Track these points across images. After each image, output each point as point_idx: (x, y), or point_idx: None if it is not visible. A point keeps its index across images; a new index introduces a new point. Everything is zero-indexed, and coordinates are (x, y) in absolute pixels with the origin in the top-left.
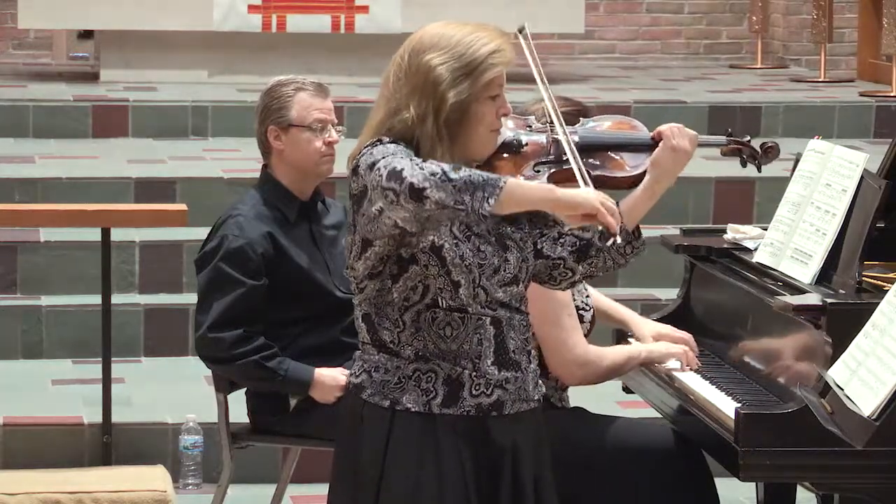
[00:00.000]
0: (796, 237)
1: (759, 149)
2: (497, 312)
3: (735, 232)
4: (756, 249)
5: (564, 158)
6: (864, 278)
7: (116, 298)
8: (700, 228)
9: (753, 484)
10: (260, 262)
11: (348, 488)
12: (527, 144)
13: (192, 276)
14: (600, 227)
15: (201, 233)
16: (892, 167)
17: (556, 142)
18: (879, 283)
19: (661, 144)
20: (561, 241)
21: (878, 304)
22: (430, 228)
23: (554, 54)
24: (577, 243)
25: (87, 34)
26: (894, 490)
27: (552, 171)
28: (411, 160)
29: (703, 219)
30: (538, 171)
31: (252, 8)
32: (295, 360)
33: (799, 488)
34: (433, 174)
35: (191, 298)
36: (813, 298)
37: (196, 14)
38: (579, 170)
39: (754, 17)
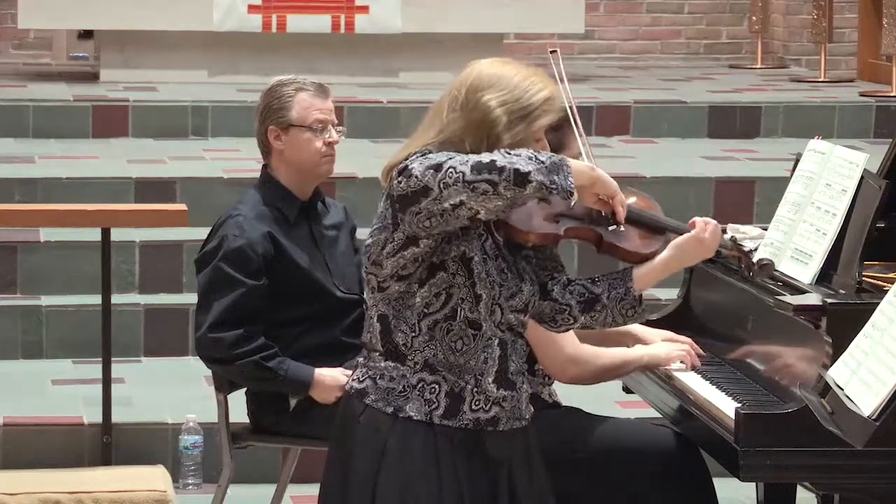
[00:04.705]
0: (796, 237)
1: (755, 262)
2: (505, 335)
3: (735, 232)
4: (756, 249)
5: (583, 217)
6: (864, 278)
7: (116, 298)
8: None
9: (753, 484)
10: (260, 262)
11: (339, 489)
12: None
13: (192, 276)
14: (604, 213)
15: (201, 233)
16: (892, 167)
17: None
18: (879, 283)
19: (692, 231)
20: (570, 288)
21: (878, 304)
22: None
23: None
24: (586, 295)
25: (87, 34)
26: (894, 490)
27: (570, 225)
28: (482, 154)
29: None
30: (558, 222)
31: (252, 8)
32: (295, 360)
33: (799, 488)
34: (530, 158)
35: (191, 298)
36: (813, 298)
37: (196, 14)
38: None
39: (754, 17)
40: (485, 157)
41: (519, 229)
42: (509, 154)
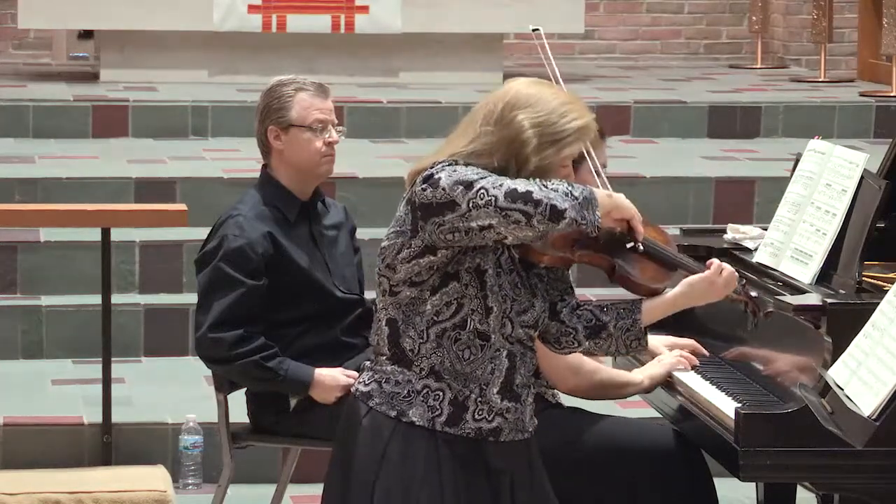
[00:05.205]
0: (796, 237)
1: (761, 309)
2: (514, 347)
3: (735, 232)
4: (756, 249)
5: (598, 244)
6: (864, 278)
7: (116, 298)
8: (700, 228)
9: (753, 484)
10: (260, 262)
11: (341, 490)
12: None
13: (192, 276)
14: (618, 230)
15: (201, 233)
16: (892, 167)
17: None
18: (879, 283)
19: (706, 272)
20: (579, 312)
21: (878, 304)
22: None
23: (554, 54)
24: (593, 321)
25: (87, 34)
26: (894, 490)
27: (585, 252)
28: (516, 181)
29: (703, 219)
30: (573, 247)
31: (252, 8)
32: (295, 360)
33: (799, 488)
34: (566, 194)
35: (191, 298)
36: (813, 298)
37: (196, 14)
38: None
39: (754, 17)
40: (520, 186)
41: (534, 250)
42: (546, 187)
